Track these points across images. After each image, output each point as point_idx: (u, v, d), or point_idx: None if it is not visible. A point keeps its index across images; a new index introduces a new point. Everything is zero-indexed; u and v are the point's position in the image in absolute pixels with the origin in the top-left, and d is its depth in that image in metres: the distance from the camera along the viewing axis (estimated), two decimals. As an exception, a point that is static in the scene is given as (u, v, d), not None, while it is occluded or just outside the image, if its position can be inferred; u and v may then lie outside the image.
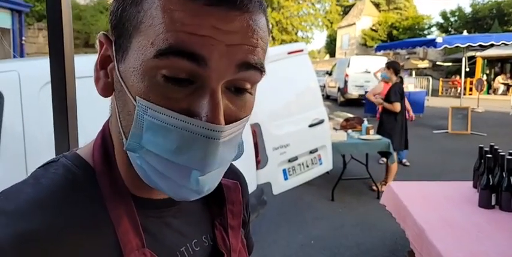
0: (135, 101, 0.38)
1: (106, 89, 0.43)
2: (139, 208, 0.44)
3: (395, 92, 4.48)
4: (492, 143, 2.27)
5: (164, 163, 0.39)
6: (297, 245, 3.14)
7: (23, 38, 9.29)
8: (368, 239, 3.26)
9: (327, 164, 3.69)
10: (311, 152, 3.51)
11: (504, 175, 2.03)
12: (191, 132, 0.37)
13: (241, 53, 0.38)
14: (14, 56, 8.72)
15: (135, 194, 0.45)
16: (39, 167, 0.45)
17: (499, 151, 2.13)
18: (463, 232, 1.82)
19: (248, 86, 0.40)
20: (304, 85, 3.66)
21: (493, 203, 2.06)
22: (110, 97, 0.44)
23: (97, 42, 0.43)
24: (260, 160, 2.88)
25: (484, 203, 2.07)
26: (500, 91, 18.90)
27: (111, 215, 0.42)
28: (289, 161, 3.28)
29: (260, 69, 0.39)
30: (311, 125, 3.47)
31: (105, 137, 0.46)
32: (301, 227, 3.50)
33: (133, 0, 0.38)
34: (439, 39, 7.83)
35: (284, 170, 3.25)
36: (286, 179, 3.24)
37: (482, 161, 2.27)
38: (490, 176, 2.06)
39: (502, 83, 19.11)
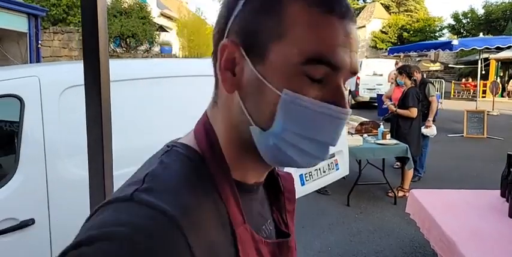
0: (281, 92, 0.46)
1: (234, 86, 0.50)
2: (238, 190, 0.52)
3: (413, 97, 4.39)
4: (521, 151, 2.19)
5: (307, 141, 0.48)
6: (314, 252, 3.08)
7: (39, 41, 9.39)
8: (386, 247, 3.18)
9: (343, 170, 3.62)
10: (329, 157, 3.45)
11: (536, 185, 1.95)
12: (330, 115, 0.47)
13: (355, 59, 0.49)
14: (31, 60, 8.83)
15: (234, 177, 0.52)
16: (159, 155, 0.52)
17: (530, 159, 2.06)
18: (494, 244, 1.75)
19: None
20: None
21: (524, 213, 1.98)
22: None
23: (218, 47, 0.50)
24: (277, 166, 2.83)
25: (514, 214, 1.99)
26: (514, 94, 18.58)
27: (222, 196, 0.49)
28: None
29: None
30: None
31: (207, 128, 0.53)
32: (317, 233, 3.43)
33: (266, 10, 0.47)
34: (455, 42, 7.71)
35: (301, 176, 3.19)
36: (303, 184, 3.18)
37: (511, 169, 2.19)
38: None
39: (517, 86, 18.78)
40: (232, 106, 0.51)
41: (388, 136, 4.41)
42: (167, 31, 16.85)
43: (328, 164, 3.49)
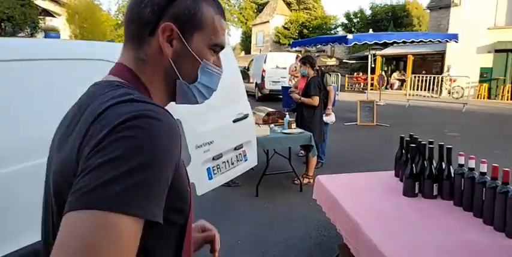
0: (202, 61, 0.76)
1: (171, 53, 0.73)
2: None
3: (315, 86, 4.55)
4: (412, 133, 2.35)
5: (206, 88, 0.80)
6: (224, 246, 2.95)
7: None
8: (294, 234, 3.23)
9: (252, 160, 3.58)
10: (236, 148, 3.36)
11: (425, 164, 2.10)
12: (218, 74, 0.81)
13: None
14: None
15: None
16: (111, 89, 0.68)
17: (419, 140, 2.21)
18: (394, 222, 1.83)
19: None
20: (227, 78, 3.47)
21: (416, 191, 2.12)
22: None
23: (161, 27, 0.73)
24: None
25: (409, 192, 2.13)
26: (395, 86, 20.97)
27: None
28: (214, 159, 3.08)
29: None
30: (235, 120, 3.32)
31: (135, 75, 0.73)
32: (227, 227, 3.34)
33: (192, 11, 0.74)
34: (350, 36, 8.32)
35: (208, 169, 3.05)
36: (210, 178, 3.04)
37: (404, 151, 2.34)
38: (413, 166, 2.11)
39: (397, 79, 21.23)
40: (164, 65, 0.74)
41: (294, 125, 4.51)
42: (54, 16, 15.12)
43: (237, 156, 3.41)
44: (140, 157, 0.53)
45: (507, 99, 15.34)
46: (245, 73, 5.59)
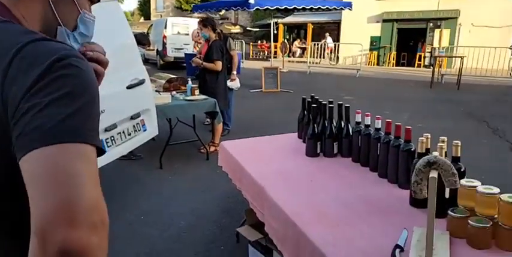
0: (81, 10, 0.79)
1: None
2: None
3: (217, 50, 4.35)
4: (312, 94, 2.35)
5: (80, 34, 0.80)
6: (123, 225, 2.75)
7: None
8: (202, 204, 3.13)
9: (152, 130, 3.32)
10: (132, 117, 3.06)
11: (326, 124, 2.12)
12: (93, 20, 0.83)
13: None
14: None
15: None
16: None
17: (320, 100, 2.21)
18: (298, 183, 1.81)
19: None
20: (117, 39, 3.08)
21: (318, 151, 2.14)
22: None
23: None
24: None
25: (311, 152, 2.14)
26: (297, 54, 21.76)
27: None
28: (106, 130, 2.76)
29: None
30: (129, 87, 3.00)
31: (6, 9, 0.69)
32: (127, 204, 3.09)
33: None
34: (252, 1, 8.15)
35: (101, 142, 2.73)
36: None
37: (306, 112, 2.33)
38: (314, 126, 2.11)
39: (299, 47, 22.02)
40: (42, 4, 0.73)
41: (197, 92, 4.30)
42: None
43: (134, 126, 3.12)
44: (87, 93, 0.58)
45: (392, 66, 17.01)
46: (144, 37, 5.06)
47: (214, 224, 2.78)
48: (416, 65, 16.45)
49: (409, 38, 17.47)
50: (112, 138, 2.82)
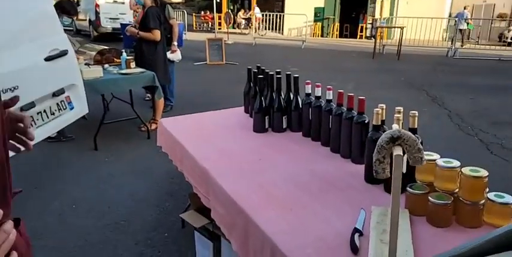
0: None
1: None
2: None
3: (154, 17, 3.95)
4: (259, 64, 2.15)
5: None
6: (53, 216, 2.44)
7: None
8: (142, 187, 2.89)
9: (81, 108, 2.94)
10: (55, 94, 2.67)
11: (274, 96, 1.94)
12: None
13: None
14: None
15: None
16: None
17: (267, 71, 2.02)
18: (246, 162, 1.64)
19: None
20: (33, 5, 2.60)
21: (267, 126, 1.97)
22: None
23: None
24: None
25: (259, 128, 1.96)
26: (242, 25, 21.21)
27: None
28: (23, 109, 2.37)
29: None
30: (48, 59, 2.58)
31: None
32: (57, 192, 2.76)
33: None
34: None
35: (17, 123, 2.34)
36: (22, 134, 2.35)
37: (252, 84, 2.13)
38: (262, 99, 1.93)
39: (243, 18, 21.44)
40: None
41: (133, 64, 3.91)
42: None
43: (58, 104, 2.72)
44: None
45: (336, 37, 17.19)
46: (70, 5, 4.40)
47: (156, 209, 2.56)
48: (358, 36, 16.75)
49: (351, 9, 17.64)
50: (31, 119, 2.44)
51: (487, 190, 1.14)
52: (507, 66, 8.84)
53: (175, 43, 4.74)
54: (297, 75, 1.89)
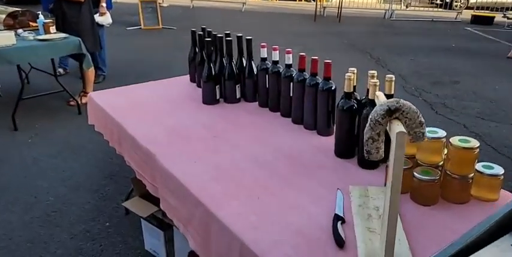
0: None
1: None
2: None
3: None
4: (204, 26, 1.85)
5: None
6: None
7: None
8: (76, 170, 2.53)
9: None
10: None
11: (225, 62, 1.68)
12: None
13: None
14: None
15: None
16: None
17: (214, 33, 1.74)
18: (198, 142, 1.40)
19: None
20: None
21: (218, 96, 1.72)
22: None
23: None
24: None
25: (209, 99, 1.71)
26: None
27: None
28: None
29: None
30: None
31: None
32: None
33: None
34: None
35: None
36: None
37: (198, 49, 1.84)
38: (211, 65, 1.66)
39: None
40: None
41: (53, 29, 3.35)
42: None
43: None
44: None
45: (276, 0, 16.72)
46: None
47: (94, 196, 2.25)
48: (298, -2, 16.43)
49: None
50: None
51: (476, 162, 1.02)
52: (440, 27, 9.17)
53: (104, 4, 4.16)
54: (250, 37, 1.63)
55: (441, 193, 1.04)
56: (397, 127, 0.70)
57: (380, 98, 0.87)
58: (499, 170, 1.01)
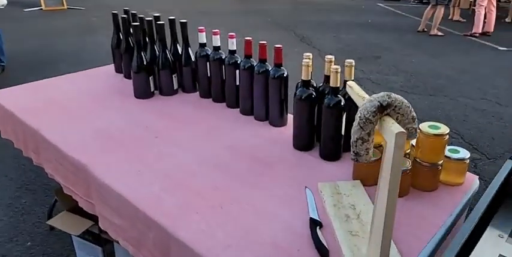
0: None
1: None
2: None
3: None
4: (126, 8, 1.59)
5: None
6: None
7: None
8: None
9: None
10: None
11: (157, 49, 1.47)
12: None
13: None
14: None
15: None
16: None
17: (141, 16, 1.50)
18: (137, 147, 1.20)
19: None
20: None
21: (152, 89, 1.51)
22: None
23: None
24: None
25: (142, 92, 1.49)
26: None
27: None
28: None
29: None
30: None
31: None
32: None
33: None
34: None
35: None
36: None
37: (123, 34, 1.59)
38: (141, 53, 1.43)
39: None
40: None
41: None
42: None
43: None
44: None
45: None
46: None
47: (8, 211, 1.91)
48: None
49: None
50: None
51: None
52: (355, 4, 9.53)
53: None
54: (184, 21, 1.43)
55: (411, 182, 1.00)
56: (392, 126, 0.61)
57: (354, 88, 0.77)
58: (465, 154, 0.99)
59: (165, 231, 0.86)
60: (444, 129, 0.94)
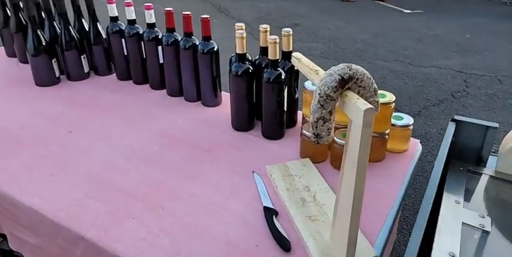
0: None
1: None
2: None
3: None
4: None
5: None
6: None
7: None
8: None
9: None
10: None
11: (58, 27, 1.22)
12: None
13: None
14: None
15: None
16: None
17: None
18: (48, 145, 1.00)
19: None
20: None
21: (58, 73, 1.28)
22: None
23: None
24: None
25: (46, 78, 1.25)
26: None
27: None
28: None
29: None
30: None
31: None
32: None
33: None
34: None
35: None
36: None
37: (10, 11, 1.30)
38: (38, 32, 1.18)
39: None
40: None
41: None
42: None
43: None
44: None
45: None
46: None
47: None
48: None
49: None
50: None
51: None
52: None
53: None
54: (85, -12, 1.20)
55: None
56: (357, 101, 0.53)
57: (303, 60, 0.68)
58: (408, 120, 0.98)
59: (96, 245, 0.72)
60: (390, 97, 0.90)
